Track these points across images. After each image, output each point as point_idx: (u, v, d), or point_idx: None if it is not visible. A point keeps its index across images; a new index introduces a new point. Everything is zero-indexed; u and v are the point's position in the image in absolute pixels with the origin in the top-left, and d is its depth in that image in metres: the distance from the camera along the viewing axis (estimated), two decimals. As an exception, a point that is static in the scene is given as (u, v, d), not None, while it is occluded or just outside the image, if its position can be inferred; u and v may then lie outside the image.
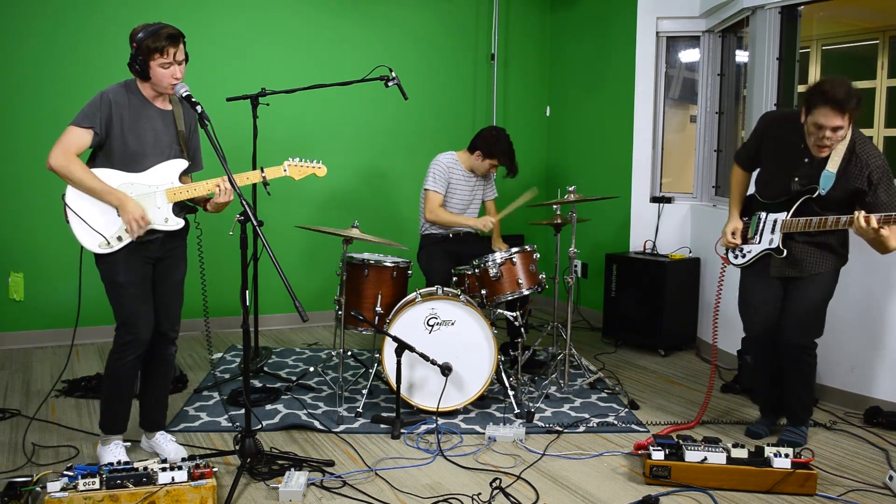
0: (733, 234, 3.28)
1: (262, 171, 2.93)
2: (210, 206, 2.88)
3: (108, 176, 2.70)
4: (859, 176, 2.94)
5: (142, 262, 2.77)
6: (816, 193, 3.02)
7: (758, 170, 3.31)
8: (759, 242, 3.20)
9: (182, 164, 2.83)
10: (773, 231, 3.15)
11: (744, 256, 3.27)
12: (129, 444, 2.95)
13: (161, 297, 2.87)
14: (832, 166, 2.97)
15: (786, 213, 3.11)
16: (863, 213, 2.84)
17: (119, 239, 2.70)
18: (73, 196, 2.69)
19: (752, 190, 3.35)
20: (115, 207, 2.68)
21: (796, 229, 3.06)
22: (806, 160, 3.05)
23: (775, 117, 3.26)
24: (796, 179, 3.08)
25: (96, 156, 2.75)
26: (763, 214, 3.21)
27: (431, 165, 4.22)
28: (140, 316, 2.76)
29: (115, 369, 2.79)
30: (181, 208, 2.87)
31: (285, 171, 3.01)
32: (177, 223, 2.81)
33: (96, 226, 2.68)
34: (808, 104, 2.90)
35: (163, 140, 2.79)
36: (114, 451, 2.84)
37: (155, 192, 2.75)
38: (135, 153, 2.72)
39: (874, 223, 2.79)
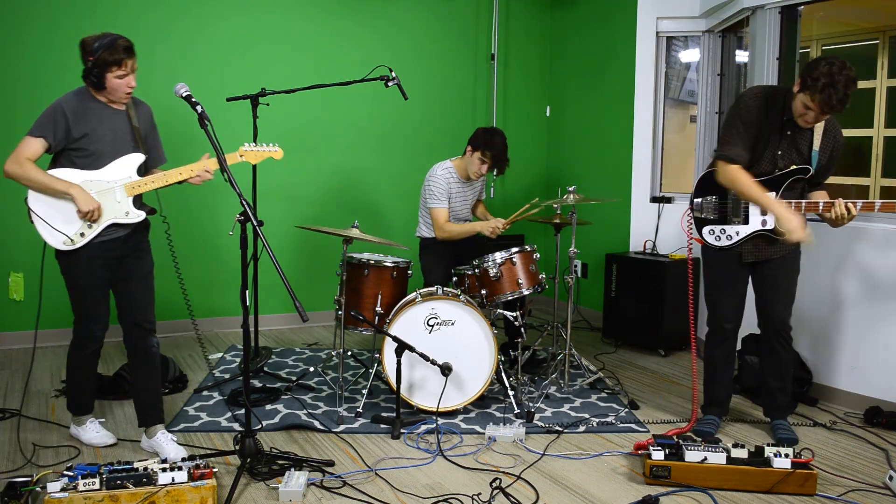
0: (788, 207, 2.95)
1: (220, 155, 2.85)
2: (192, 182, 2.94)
3: (69, 175, 2.79)
4: (830, 154, 2.99)
5: (102, 263, 2.85)
6: (809, 174, 2.98)
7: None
8: (748, 223, 3.10)
9: (139, 157, 2.88)
10: (763, 213, 3.05)
11: (729, 238, 3.13)
12: (103, 419, 3.15)
13: (131, 291, 2.94)
14: (816, 144, 2.96)
15: (774, 192, 3.00)
16: (843, 201, 2.84)
17: (82, 235, 2.78)
18: (33, 198, 2.79)
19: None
20: (70, 201, 2.76)
21: None
22: (788, 133, 3.00)
23: (764, 93, 3.01)
24: (779, 153, 3.01)
25: (58, 158, 2.82)
26: None
27: (429, 182, 4.05)
28: (94, 319, 2.93)
29: (76, 359, 3.02)
30: (142, 205, 2.94)
31: (241, 157, 3.03)
32: (138, 215, 2.88)
33: (57, 225, 2.77)
34: (805, 83, 2.79)
35: (120, 138, 2.86)
36: (91, 428, 3.06)
37: (114, 188, 2.82)
38: (95, 152, 2.80)
39: (854, 211, 2.81)
